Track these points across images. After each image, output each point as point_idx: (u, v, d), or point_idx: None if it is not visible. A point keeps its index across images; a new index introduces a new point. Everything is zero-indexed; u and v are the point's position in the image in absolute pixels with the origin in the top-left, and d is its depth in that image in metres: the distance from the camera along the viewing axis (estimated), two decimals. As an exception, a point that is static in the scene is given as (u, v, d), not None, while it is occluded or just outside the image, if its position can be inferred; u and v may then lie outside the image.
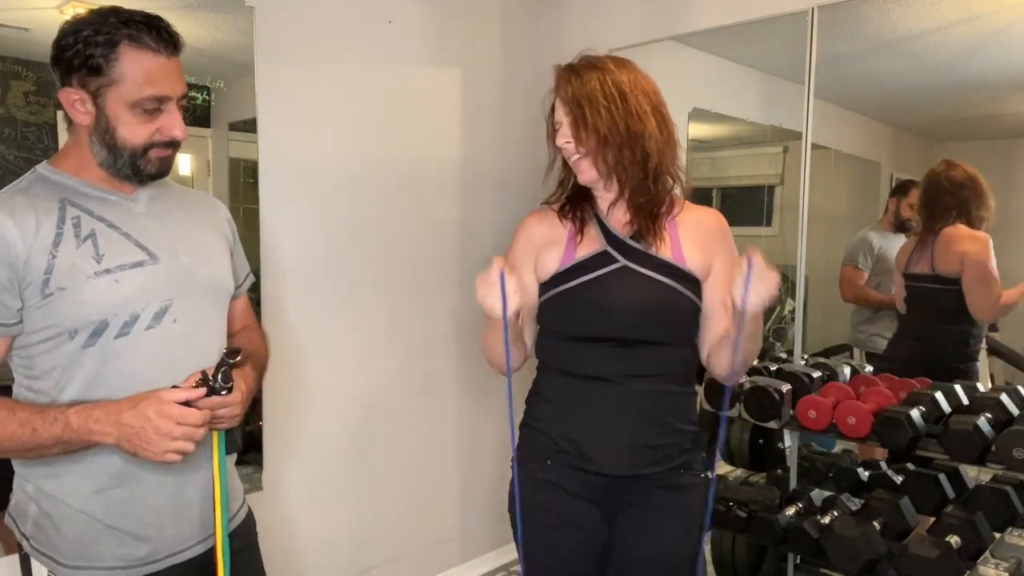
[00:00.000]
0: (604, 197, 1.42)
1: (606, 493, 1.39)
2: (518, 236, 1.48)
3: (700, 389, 2.08)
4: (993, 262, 1.97)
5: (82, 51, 1.08)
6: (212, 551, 1.23)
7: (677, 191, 1.42)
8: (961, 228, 2.02)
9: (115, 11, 1.11)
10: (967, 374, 2.05)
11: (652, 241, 1.37)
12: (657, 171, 1.36)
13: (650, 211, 1.38)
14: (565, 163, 1.43)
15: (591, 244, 1.40)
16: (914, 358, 2.12)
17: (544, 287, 1.41)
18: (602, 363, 1.37)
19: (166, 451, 1.07)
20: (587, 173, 1.38)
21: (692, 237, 1.40)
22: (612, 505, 1.40)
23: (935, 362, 2.07)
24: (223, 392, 1.14)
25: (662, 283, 1.35)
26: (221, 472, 1.20)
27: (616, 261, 1.37)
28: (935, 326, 2.13)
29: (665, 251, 1.37)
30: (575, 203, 1.45)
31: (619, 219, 1.41)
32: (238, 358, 1.17)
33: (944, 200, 2.05)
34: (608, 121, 1.32)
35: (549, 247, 1.42)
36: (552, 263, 1.40)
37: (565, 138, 1.37)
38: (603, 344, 1.36)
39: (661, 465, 1.38)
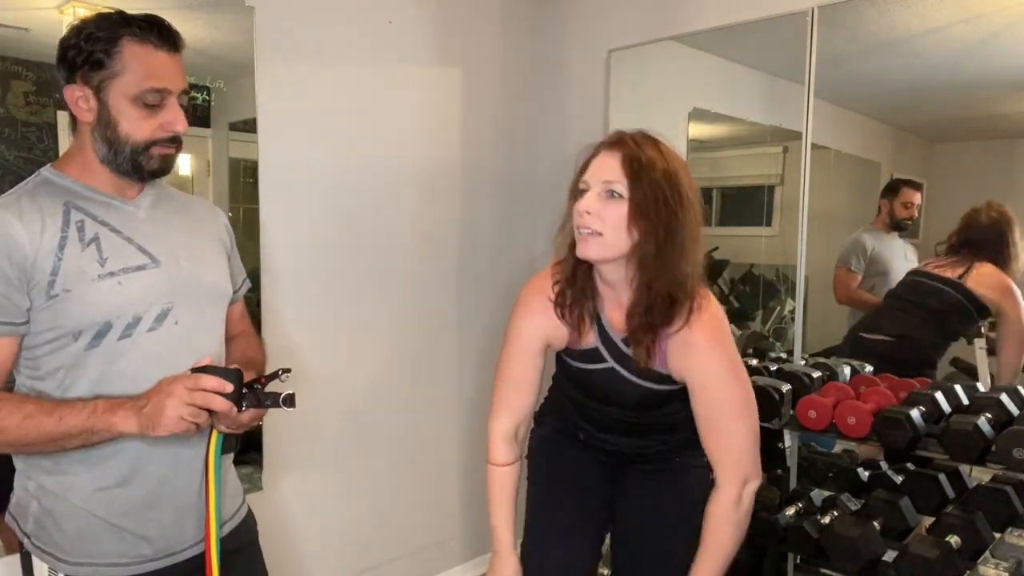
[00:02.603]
0: (610, 282, 1.35)
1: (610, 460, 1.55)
2: (523, 326, 1.46)
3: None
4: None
5: (84, 47, 1.10)
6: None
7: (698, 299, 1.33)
8: (995, 268, 2.02)
9: (118, 12, 1.14)
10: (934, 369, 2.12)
11: (641, 348, 1.32)
12: (682, 292, 1.28)
13: (654, 329, 1.31)
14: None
15: (586, 337, 1.41)
16: (886, 347, 2.17)
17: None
18: (603, 419, 1.51)
19: (178, 418, 1.07)
20: (593, 252, 1.29)
21: (678, 350, 1.33)
22: (616, 468, 1.56)
23: (908, 354, 2.13)
24: (267, 403, 1.16)
25: (641, 386, 1.39)
26: (216, 474, 1.20)
27: (604, 361, 1.40)
28: (912, 321, 2.16)
29: (650, 357, 1.33)
30: (573, 283, 1.39)
31: (617, 315, 1.37)
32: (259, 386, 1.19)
33: (979, 237, 2.04)
34: (666, 226, 1.23)
35: (556, 331, 1.44)
36: (561, 344, 1.46)
37: (594, 209, 1.25)
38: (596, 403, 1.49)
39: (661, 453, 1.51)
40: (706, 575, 1.40)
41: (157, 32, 1.13)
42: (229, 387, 1.11)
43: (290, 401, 1.17)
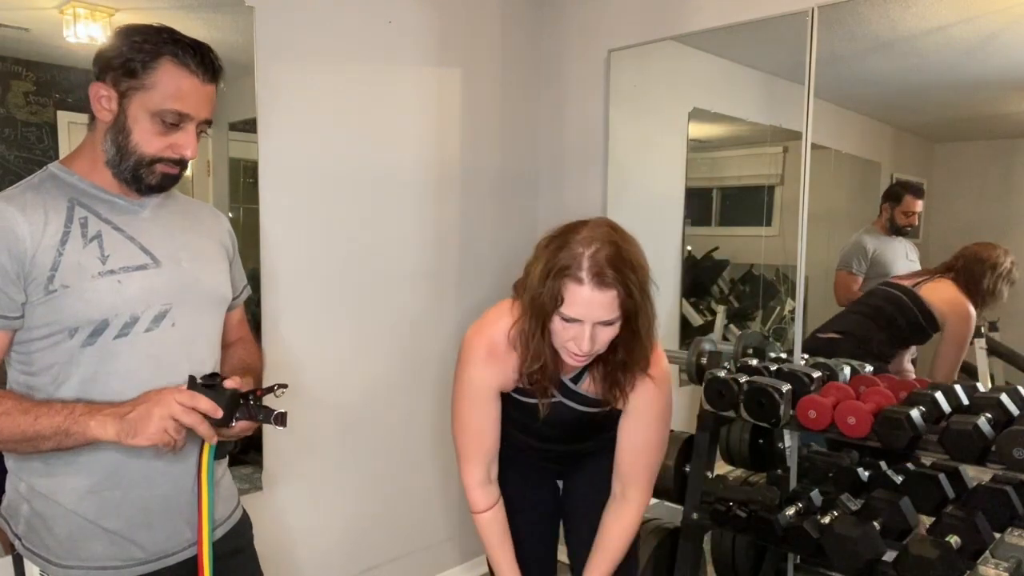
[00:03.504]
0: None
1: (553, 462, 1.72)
2: (479, 375, 1.50)
3: (700, 388, 2.09)
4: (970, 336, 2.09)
5: (125, 52, 1.11)
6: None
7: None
8: (955, 289, 2.08)
9: (168, 29, 1.15)
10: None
11: (586, 382, 1.49)
12: (644, 358, 1.42)
13: (623, 382, 1.45)
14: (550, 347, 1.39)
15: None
16: (833, 344, 2.26)
17: None
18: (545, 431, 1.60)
19: (160, 431, 1.06)
20: (583, 363, 1.40)
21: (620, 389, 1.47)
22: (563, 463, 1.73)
23: (853, 351, 2.20)
24: (259, 418, 1.16)
25: (587, 414, 1.53)
26: (208, 478, 1.20)
27: (552, 396, 1.48)
28: (870, 322, 2.24)
29: (591, 390, 1.50)
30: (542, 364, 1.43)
31: (570, 359, 1.40)
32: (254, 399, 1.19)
33: (968, 267, 2.10)
34: (641, 316, 1.34)
35: (506, 378, 1.49)
36: (510, 386, 1.52)
37: (585, 344, 1.31)
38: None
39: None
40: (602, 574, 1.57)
41: (199, 59, 1.14)
42: (219, 413, 1.10)
43: (281, 420, 1.16)
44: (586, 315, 1.29)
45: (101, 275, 1.13)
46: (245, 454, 2.10)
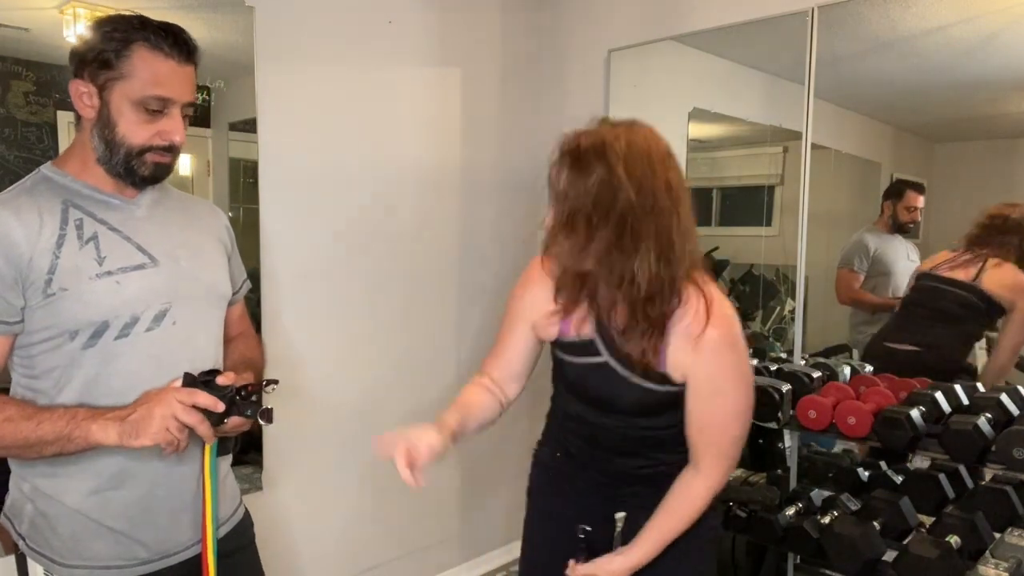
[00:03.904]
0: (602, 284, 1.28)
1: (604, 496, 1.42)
2: (519, 295, 1.42)
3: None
4: None
5: (97, 45, 1.11)
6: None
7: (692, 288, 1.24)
8: (1013, 266, 2.00)
9: (138, 16, 1.14)
10: (969, 373, 2.06)
11: (639, 343, 1.23)
12: (673, 278, 1.20)
13: (651, 317, 1.22)
14: None
15: (582, 324, 1.32)
16: (902, 354, 2.14)
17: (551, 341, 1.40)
18: (587, 414, 1.38)
19: (162, 431, 1.07)
20: (570, 259, 1.25)
21: (682, 345, 1.23)
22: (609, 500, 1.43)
23: (920, 361, 2.08)
24: (248, 413, 1.15)
25: (639, 386, 1.28)
26: (212, 476, 1.20)
27: (599, 355, 1.31)
28: (934, 328, 2.13)
29: (648, 352, 1.24)
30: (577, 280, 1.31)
31: (609, 305, 1.27)
32: (269, 389, 1.19)
33: (1004, 238, 2.03)
34: (610, 237, 1.16)
35: (549, 315, 1.37)
36: (551, 330, 1.37)
37: (547, 221, 1.23)
38: (582, 404, 1.38)
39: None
40: (657, 542, 1.31)
41: (172, 40, 1.12)
42: (220, 406, 1.11)
43: (267, 416, 1.16)
44: (551, 190, 1.23)
45: (99, 276, 1.12)
46: (245, 454, 2.10)
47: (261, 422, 1.16)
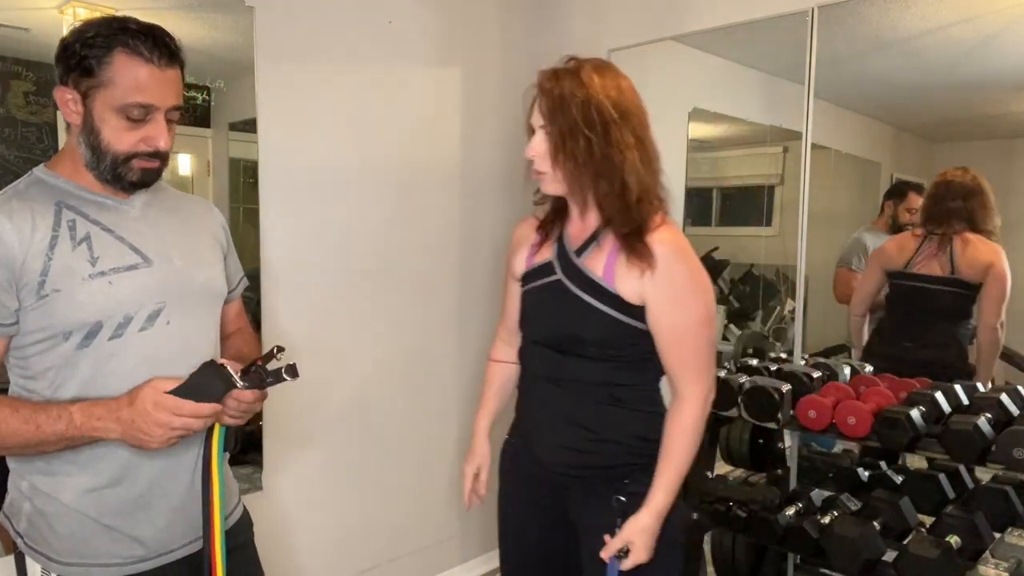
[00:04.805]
0: (573, 209, 1.42)
1: (556, 487, 1.49)
2: (508, 258, 1.57)
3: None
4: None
5: (79, 51, 1.09)
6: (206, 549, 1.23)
7: (658, 217, 1.35)
8: (979, 237, 2.02)
9: (119, 19, 1.12)
10: (968, 372, 2.05)
11: (591, 255, 1.37)
12: (638, 201, 1.32)
13: (628, 233, 1.33)
14: None
15: (546, 252, 1.45)
16: (910, 358, 2.13)
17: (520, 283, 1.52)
18: (541, 364, 1.46)
19: (168, 440, 1.09)
20: (549, 188, 1.39)
21: (630, 262, 1.32)
22: (564, 498, 1.50)
23: (933, 362, 2.07)
24: (269, 380, 1.16)
25: (583, 301, 1.36)
26: (219, 468, 1.20)
27: (553, 274, 1.42)
28: (935, 326, 2.13)
29: (597, 268, 1.36)
30: (557, 213, 1.47)
31: (578, 231, 1.41)
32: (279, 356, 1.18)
33: (953, 204, 2.04)
34: (585, 152, 1.30)
35: (522, 249, 1.52)
36: (520, 265, 1.51)
37: (533, 152, 1.36)
38: (542, 347, 1.45)
39: (592, 470, 1.42)
40: (669, 484, 1.36)
41: (152, 44, 1.10)
42: (206, 409, 1.10)
43: (293, 371, 1.15)
44: (531, 120, 1.37)
45: (92, 277, 1.12)
46: (245, 454, 2.10)
47: (287, 378, 1.15)
